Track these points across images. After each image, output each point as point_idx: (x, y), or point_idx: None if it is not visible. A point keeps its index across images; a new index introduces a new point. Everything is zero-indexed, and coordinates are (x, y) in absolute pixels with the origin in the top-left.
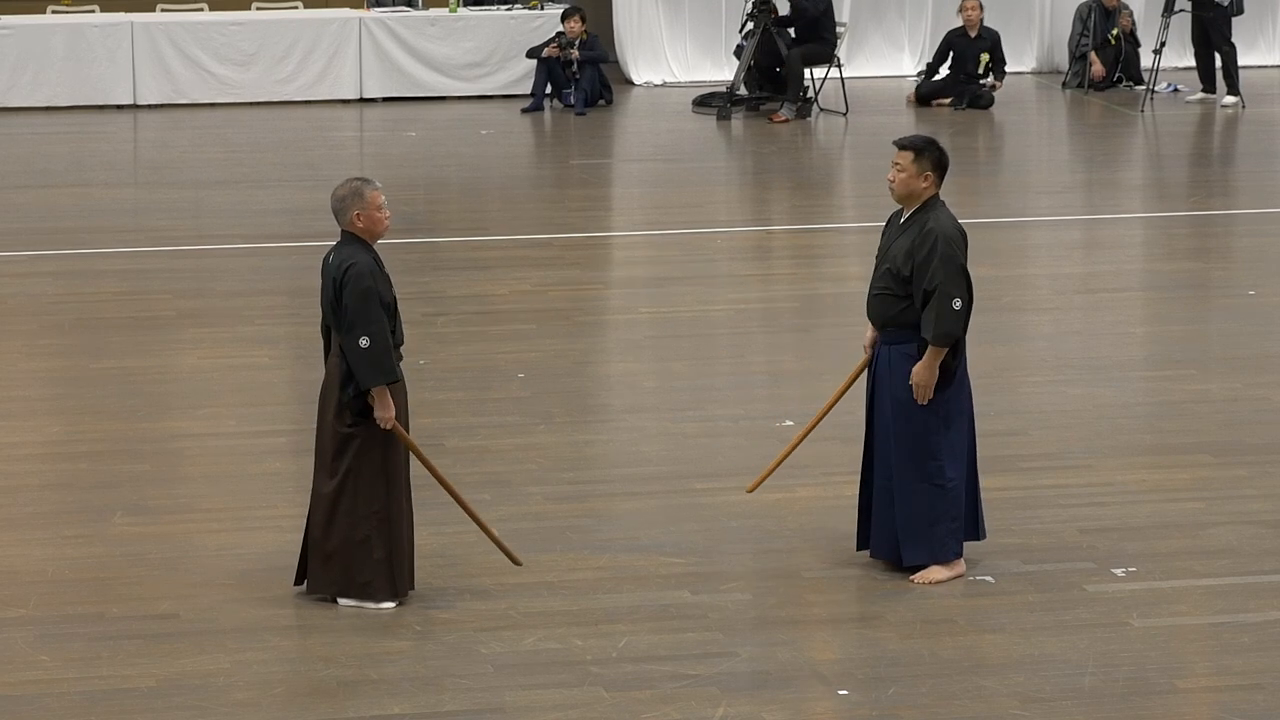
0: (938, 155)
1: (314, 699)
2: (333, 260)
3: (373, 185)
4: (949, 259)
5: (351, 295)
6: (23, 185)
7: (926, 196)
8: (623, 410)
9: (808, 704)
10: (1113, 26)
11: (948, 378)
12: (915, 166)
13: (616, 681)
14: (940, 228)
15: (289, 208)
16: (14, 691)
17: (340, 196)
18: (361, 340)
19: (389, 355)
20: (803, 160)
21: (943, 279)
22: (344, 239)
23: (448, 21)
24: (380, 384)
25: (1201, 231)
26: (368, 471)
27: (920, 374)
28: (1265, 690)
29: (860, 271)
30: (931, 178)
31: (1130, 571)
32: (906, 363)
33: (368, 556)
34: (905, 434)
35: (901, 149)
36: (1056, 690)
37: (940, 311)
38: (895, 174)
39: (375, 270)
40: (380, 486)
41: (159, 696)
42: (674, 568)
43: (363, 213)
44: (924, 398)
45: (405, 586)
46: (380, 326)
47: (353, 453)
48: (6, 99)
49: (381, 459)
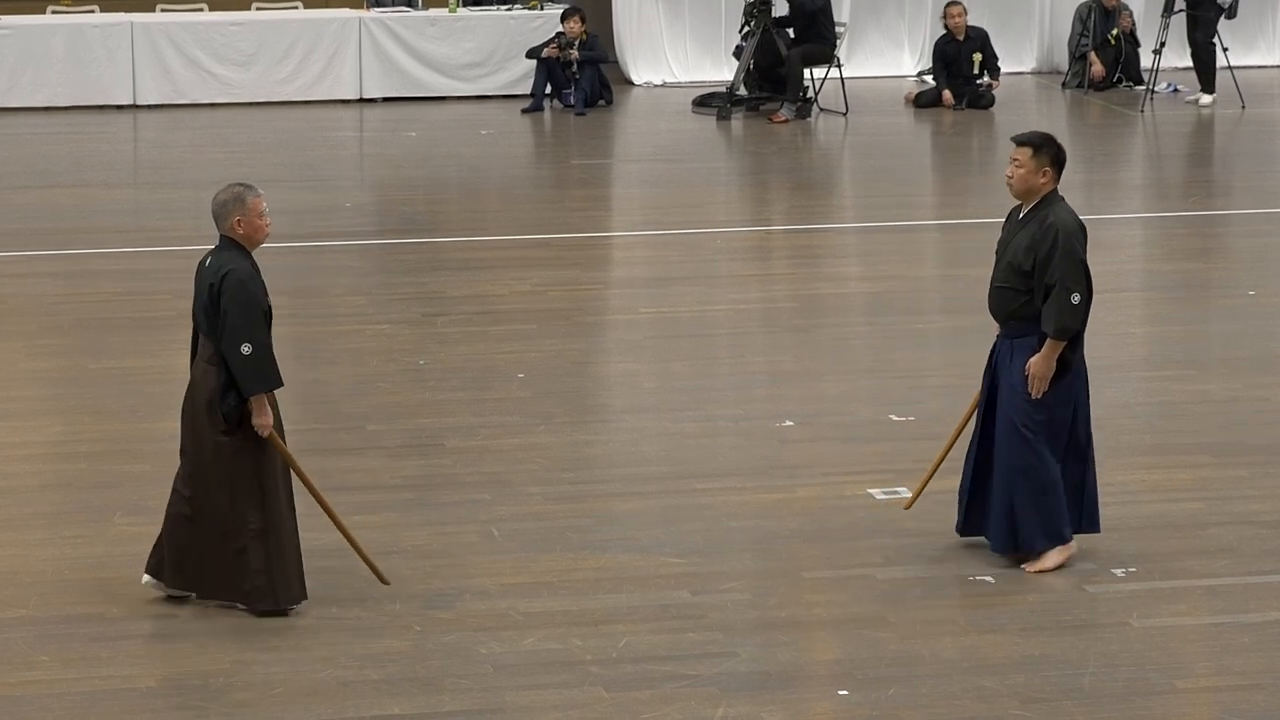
0: (1055, 150)
1: (314, 699)
2: (209, 265)
3: (255, 192)
4: (1069, 253)
5: (231, 303)
6: (23, 186)
7: (1045, 191)
8: (622, 410)
9: (808, 704)
10: (1112, 27)
11: (1065, 370)
12: (1034, 162)
13: (616, 682)
14: (1061, 222)
15: (288, 208)
16: (14, 692)
17: (222, 201)
18: (244, 348)
19: (271, 361)
20: (802, 160)
21: (1062, 273)
22: (222, 244)
23: (448, 22)
24: (263, 391)
25: (1201, 232)
26: (244, 480)
27: (1037, 366)
28: (1265, 690)
29: (859, 273)
30: (1050, 173)
31: (1130, 572)
32: (1027, 355)
33: (246, 567)
34: (1019, 424)
35: (1019, 145)
36: (1056, 690)
37: (1059, 306)
38: (1014, 170)
39: (254, 277)
40: (256, 495)
41: (159, 696)
42: (674, 568)
43: (244, 219)
44: (1038, 390)
45: (294, 595)
46: (261, 333)
47: (229, 461)
48: (6, 99)
49: (257, 467)
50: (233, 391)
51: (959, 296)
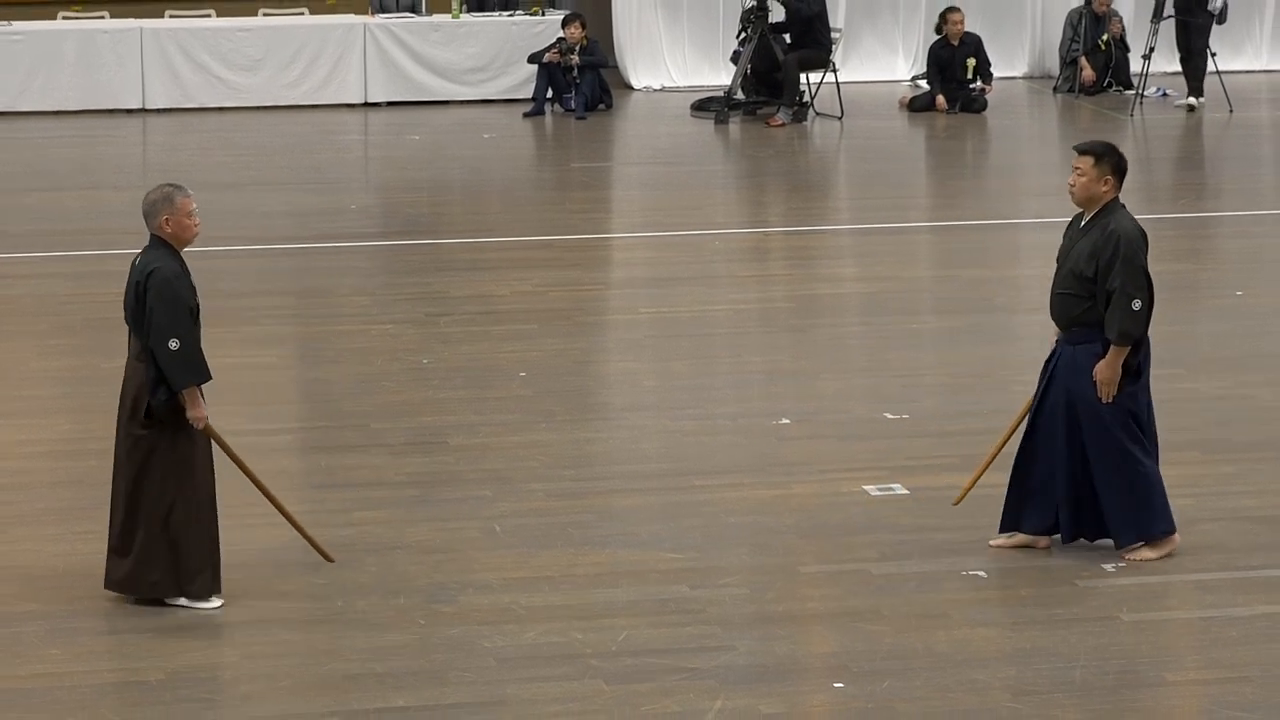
0: (1117, 160)
1: (319, 692)
2: (138, 264)
3: (184, 192)
4: (1130, 260)
5: (157, 300)
6: (33, 188)
7: (1106, 200)
8: (622, 408)
9: (804, 697)
10: (1103, 32)
11: (1132, 374)
12: (1095, 171)
13: (616, 675)
14: (1122, 229)
15: (295, 210)
16: (26, 684)
17: (151, 201)
18: (171, 343)
19: (199, 356)
20: (799, 164)
21: (1124, 280)
22: (151, 243)
23: (451, 27)
24: (193, 384)
25: (1190, 233)
26: (164, 475)
27: (1103, 372)
28: (1253, 683)
29: (854, 274)
30: (1111, 181)
31: (1120, 567)
32: (1091, 361)
33: (179, 560)
34: (1097, 429)
35: (1081, 154)
36: (1048, 683)
37: (1121, 312)
38: (1075, 178)
39: (180, 275)
40: (176, 489)
41: (168, 689)
42: (673, 563)
43: (172, 218)
44: (1108, 395)
45: (208, 588)
46: (188, 329)
47: (149, 456)
48: (18, 103)
49: (179, 460)
50: (163, 386)
51: (953, 297)
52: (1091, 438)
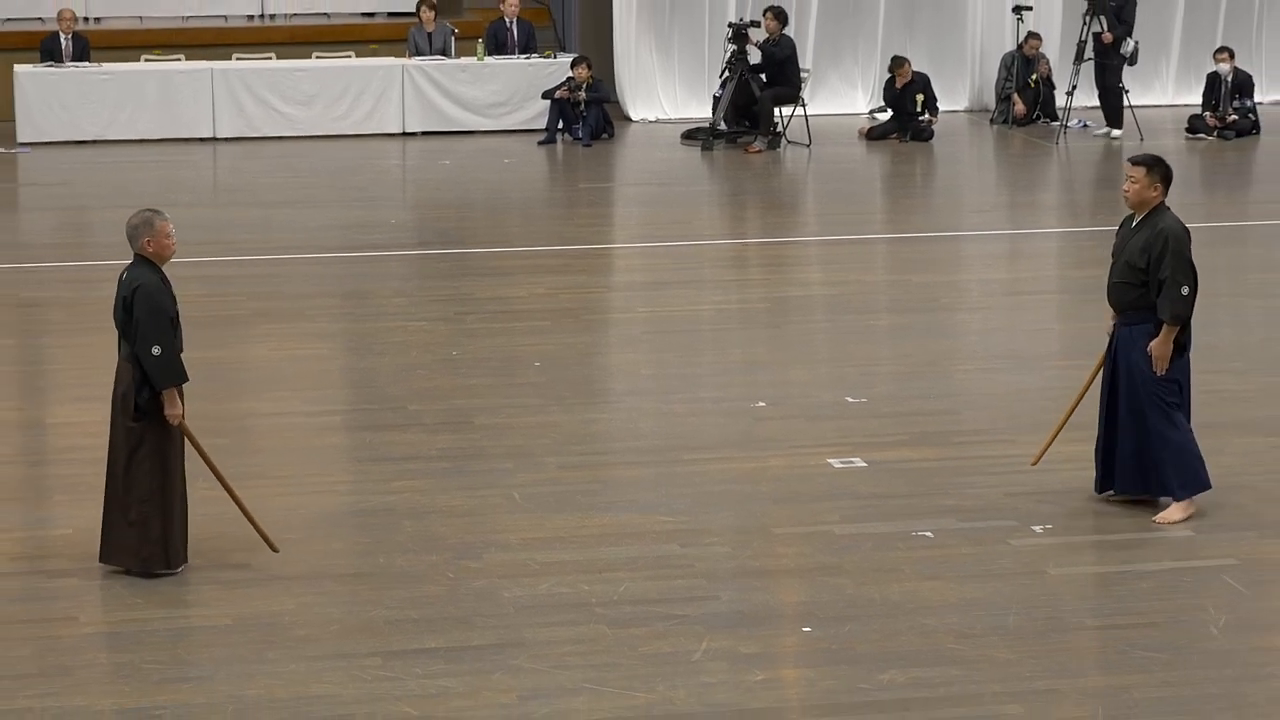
0: (1165, 169)
1: (364, 635)
2: (125, 279)
3: (162, 216)
4: (1178, 253)
5: (142, 311)
6: (120, 206)
7: (1155, 203)
8: (623, 393)
9: (778, 639)
10: (1032, 72)
11: (1179, 350)
12: (1147, 179)
13: (618, 620)
14: (1170, 228)
15: (343, 224)
16: (115, 629)
17: (134, 225)
18: (154, 349)
19: (178, 361)
20: (773, 184)
21: (1173, 270)
22: (135, 261)
23: (476, 68)
24: (172, 385)
25: (1106, 243)
26: (150, 462)
27: (1157, 348)
28: (1159, 628)
29: (821, 278)
30: (1159, 188)
31: (1047, 528)
32: (1145, 338)
33: (146, 535)
34: (1151, 396)
35: (1135, 164)
36: (985, 628)
37: (1172, 297)
38: (1129, 185)
39: (161, 289)
40: (159, 475)
41: (235, 632)
42: (666, 525)
43: (152, 239)
44: (1160, 368)
45: (179, 559)
46: (168, 337)
47: (139, 445)
48: (107, 133)
49: (160, 451)
50: (147, 386)
51: (904, 298)
52: (1147, 404)
